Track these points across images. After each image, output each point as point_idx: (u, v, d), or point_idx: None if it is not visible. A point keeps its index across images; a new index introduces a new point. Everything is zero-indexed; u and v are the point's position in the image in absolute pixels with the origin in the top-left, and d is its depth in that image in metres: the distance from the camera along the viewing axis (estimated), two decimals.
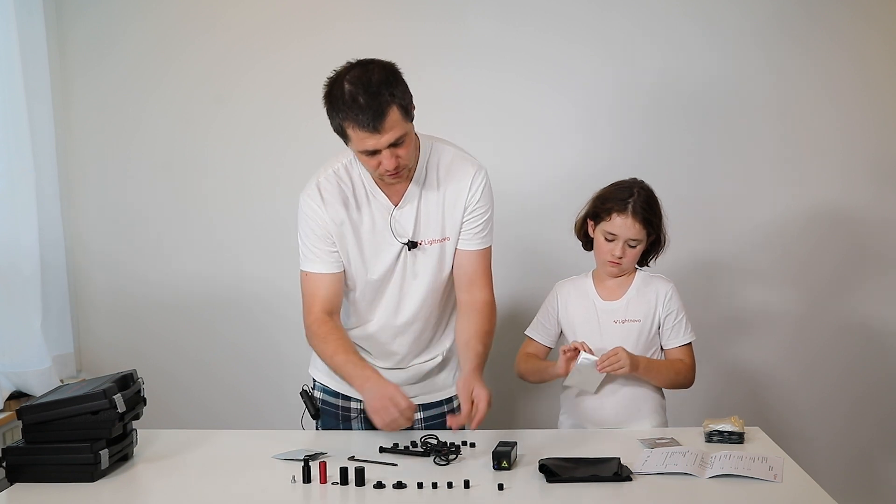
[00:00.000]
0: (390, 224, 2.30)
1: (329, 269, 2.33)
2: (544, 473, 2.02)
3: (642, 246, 2.49)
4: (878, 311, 3.34)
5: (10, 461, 2.08)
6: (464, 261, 2.36)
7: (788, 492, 1.93)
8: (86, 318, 3.47)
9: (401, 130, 2.11)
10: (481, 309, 2.35)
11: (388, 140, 2.10)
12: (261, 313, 3.43)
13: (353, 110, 2.07)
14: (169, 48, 3.37)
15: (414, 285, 2.36)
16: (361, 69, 2.12)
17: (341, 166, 2.31)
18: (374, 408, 2.17)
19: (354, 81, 2.09)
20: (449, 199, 2.31)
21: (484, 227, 2.35)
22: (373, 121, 2.07)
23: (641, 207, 2.44)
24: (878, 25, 3.25)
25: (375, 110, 2.07)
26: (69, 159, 3.40)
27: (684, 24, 3.27)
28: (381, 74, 2.10)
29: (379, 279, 2.35)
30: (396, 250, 2.32)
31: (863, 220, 3.31)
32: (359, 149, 2.14)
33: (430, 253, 2.34)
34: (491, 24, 3.29)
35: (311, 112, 3.39)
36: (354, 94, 2.07)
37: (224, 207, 3.41)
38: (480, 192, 2.32)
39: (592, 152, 3.31)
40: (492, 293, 2.39)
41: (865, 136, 3.29)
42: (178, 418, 3.08)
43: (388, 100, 2.08)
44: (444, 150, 2.33)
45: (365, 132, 2.09)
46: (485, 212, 2.34)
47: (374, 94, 2.07)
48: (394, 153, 2.13)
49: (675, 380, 2.50)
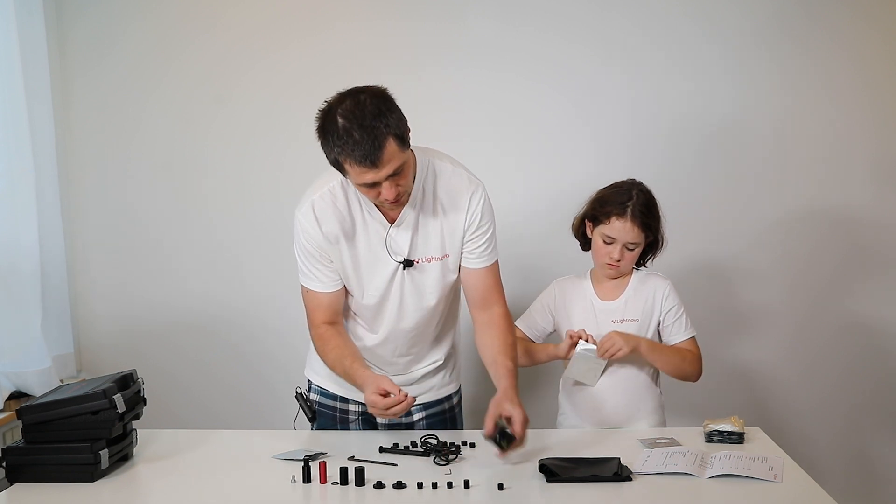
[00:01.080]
0: (386, 242, 2.28)
1: (327, 289, 2.32)
2: (544, 473, 2.02)
3: (640, 248, 2.49)
4: (879, 311, 3.34)
5: (10, 461, 2.08)
6: (474, 280, 2.35)
7: (788, 492, 1.94)
8: (86, 318, 3.47)
9: (399, 161, 2.07)
10: (500, 323, 2.33)
11: (386, 173, 2.06)
12: (261, 313, 3.43)
13: (349, 146, 2.02)
14: (169, 48, 3.37)
15: (415, 303, 2.35)
16: (353, 101, 2.05)
17: (337, 183, 2.27)
18: (369, 402, 2.17)
19: (347, 115, 2.03)
20: (448, 217, 2.28)
21: (488, 244, 2.33)
22: (370, 155, 2.02)
23: (640, 211, 2.44)
24: (878, 25, 3.25)
25: (372, 144, 2.01)
26: (69, 159, 3.40)
27: (684, 24, 3.27)
28: (374, 105, 2.04)
29: (375, 298, 2.34)
30: (392, 269, 2.30)
31: (863, 220, 3.31)
32: (357, 182, 2.11)
33: (431, 271, 2.32)
34: (491, 24, 3.28)
35: (312, 112, 3.38)
36: (349, 129, 2.02)
37: (224, 207, 3.41)
38: (480, 210, 2.29)
39: (592, 152, 3.31)
40: (506, 305, 2.38)
41: (865, 136, 3.29)
42: (178, 418, 3.08)
43: (383, 132, 2.02)
44: (441, 168, 2.28)
45: (363, 167, 2.04)
46: (487, 229, 2.32)
47: (368, 128, 2.01)
48: (394, 183, 2.10)
49: (682, 366, 2.49)
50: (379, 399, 2.13)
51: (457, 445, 2.20)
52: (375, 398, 2.13)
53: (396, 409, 2.13)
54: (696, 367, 2.52)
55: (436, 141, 2.35)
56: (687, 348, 2.52)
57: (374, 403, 2.14)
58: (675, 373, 2.51)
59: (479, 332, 2.36)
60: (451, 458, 2.14)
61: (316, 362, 2.52)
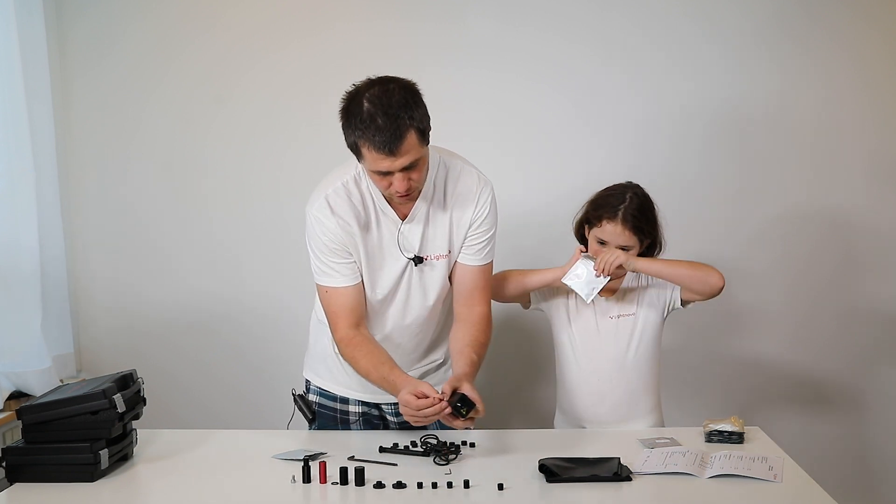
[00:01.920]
0: (398, 239, 2.29)
1: (347, 282, 2.29)
2: (544, 473, 2.02)
3: (636, 250, 2.48)
4: (879, 311, 3.34)
5: (10, 461, 2.08)
6: (465, 275, 2.35)
7: (788, 492, 1.94)
8: (86, 318, 3.47)
9: (416, 154, 2.09)
10: (478, 322, 2.34)
11: (402, 164, 2.08)
12: (261, 313, 3.43)
13: (371, 130, 2.04)
14: (169, 48, 3.37)
15: (419, 300, 2.35)
16: (382, 88, 2.08)
17: (350, 178, 2.27)
18: (403, 400, 2.13)
19: (374, 100, 2.05)
20: (456, 214, 2.30)
21: (487, 244, 2.35)
22: (389, 143, 2.04)
23: (632, 215, 2.44)
24: (878, 25, 3.25)
25: (393, 133, 2.03)
26: (69, 159, 3.40)
27: (684, 25, 3.27)
28: (402, 96, 2.07)
29: (383, 293, 2.34)
30: (402, 265, 2.31)
31: (863, 220, 3.31)
32: (371, 168, 2.12)
33: (438, 268, 2.33)
34: (491, 24, 3.28)
35: (312, 112, 3.41)
36: (373, 114, 2.04)
37: (224, 207, 3.41)
38: (487, 208, 2.31)
39: (592, 152, 3.30)
40: (489, 308, 2.39)
41: (865, 137, 3.29)
42: (178, 418, 3.08)
43: (406, 123, 2.05)
44: (452, 165, 2.31)
45: (380, 154, 2.06)
46: (489, 228, 2.33)
47: (392, 117, 2.03)
48: (406, 176, 2.11)
49: (694, 272, 2.39)
50: (413, 399, 2.10)
51: (457, 445, 2.20)
52: (409, 398, 2.10)
53: (428, 411, 2.09)
54: (710, 270, 2.39)
55: (436, 141, 2.34)
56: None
57: (408, 402, 2.10)
58: (690, 279, 2.40)
59: (456, 325, 2.36)
60: (451, 458, 2.14)
61: (317, 363, 2.52)
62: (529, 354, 3.32)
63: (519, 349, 3.33)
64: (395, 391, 2.19)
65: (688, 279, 2.42)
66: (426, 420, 2.12)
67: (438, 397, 2.10)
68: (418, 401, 2.09)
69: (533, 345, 3.26)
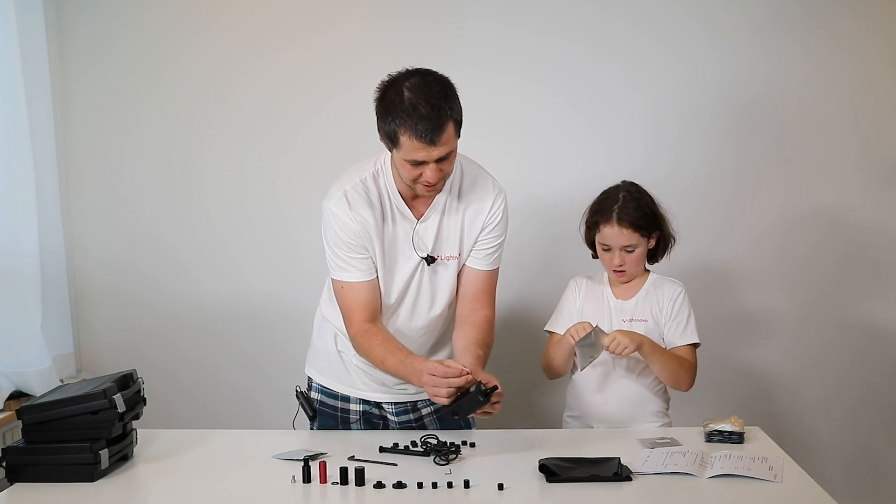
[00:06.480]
0: (412, 238, 2.29)
1: (363, 277, 2.29)
2: (544, 473, 2.02)
3: (643, 248, 2.48)
4: (879, 312, 3.34)
5: (10, 461, 2.08)
6: (472, 279, 2.36)
7: (788, 492, 1.94)
8: (86, 318, 3.47)
9: (451, 146, 2.11)
10: (482, 324, 2.34)
11: (439, 153, 2.09)
12: (261, 313, 3.43)
13: (413, 118, 2.05)
14: (169, 48, 3.37)
15: (429, 299, 2.36)
16: (421, 78, 2.10)
17: (368, 175, 2.28)
18: (428, 369, 2.12)
19: (415, 89, 2.07)
20: (469, 216, 2.31)
21: (497, 250, 2.36)
22: (431, 132, 2.05)
23: (627, 213, 2.43)
24: (878, 25, 3.25)
25: (435, 122, 2.05)
26: (69, 159, 3.40)
27: (684, 25, 3.27)
28: (441, 87, 2.09)
29: (396, 291, 2.34)
30: (414, 264, 2.31)
31: (863, 221, 3.31)
32: (407, 157, 2.11)
33: (449, 269, 2.34)
34: (490, 25, 3.28)
35: (312, 112, 3.41)
36: (415, 103, 2.05)
37: (224, 207, 3.41)
38: (500, 214, 2.33)
39: (591, 152, 3.31)
40: (493, 312, 2.39)
41: (865, 137, 3.29)
42: (178, 418, 3.08)
43: (447, 114, 2.07)
44: (468, 169, 2.33)
45: (420, 142, 2.06)
46: (500, 234, 2.35)
47: (435, 106, 2.05)
48: (439, 167, 2.12)
49: (677, 373, 2.45)
50: (441, 367, 2.09)
51: (457, 445, 2.20)
52: (437, 366, 2.10)
53: (454, 381, 2.08)
54: (689, 377, 2.47)
55: None
56: (684, 356, 2.48)
57: (436, 370, 2.09)
58: (668, 378, 2.47)
59: (459, 326, 2.37)
60: (451, 458, 2.14)
61: (319, 360, 2.52)
62: (531, 354, 3.31)
63: (521, 349, 3.32)
64: (413, 372, 2.18)
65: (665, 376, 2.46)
66: (448, 394, 2.09)
67: (466, 371, 2.10)
68: (447, 369, 2.09)
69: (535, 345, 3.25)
